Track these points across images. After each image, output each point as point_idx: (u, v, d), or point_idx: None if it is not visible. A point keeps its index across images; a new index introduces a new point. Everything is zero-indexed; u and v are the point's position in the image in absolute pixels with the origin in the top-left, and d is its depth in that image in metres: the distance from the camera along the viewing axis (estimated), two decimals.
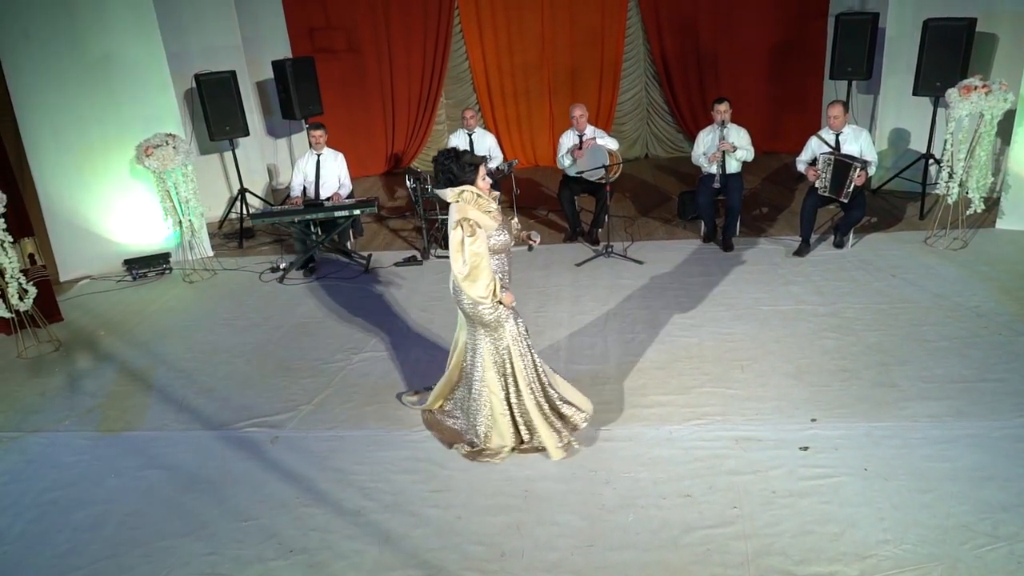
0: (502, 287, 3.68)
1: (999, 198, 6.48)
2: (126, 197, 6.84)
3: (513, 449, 3.83)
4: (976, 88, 5.60)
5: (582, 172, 6.44)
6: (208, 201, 7.61)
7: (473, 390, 3.85)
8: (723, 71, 9.33)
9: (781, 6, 8.92)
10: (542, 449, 3.79)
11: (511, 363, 3.75)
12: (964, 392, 4.09)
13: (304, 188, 6.91)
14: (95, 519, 3.59)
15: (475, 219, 3.52)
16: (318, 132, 6.68)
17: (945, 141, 5.98)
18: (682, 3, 9.12)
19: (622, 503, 3.43)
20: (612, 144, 6.62)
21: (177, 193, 6.49)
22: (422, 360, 4.89)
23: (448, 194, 3.60)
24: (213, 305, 6.07)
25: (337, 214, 6.46)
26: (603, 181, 6.34)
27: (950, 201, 6.00)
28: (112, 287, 6.56)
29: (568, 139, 6.71)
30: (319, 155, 6.79)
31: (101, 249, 6.83)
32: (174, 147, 6.31)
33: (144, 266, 6.77)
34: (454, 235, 3.52)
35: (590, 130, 6.67)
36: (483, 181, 3.63)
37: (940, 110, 6.75)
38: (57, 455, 4.15)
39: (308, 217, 6.48)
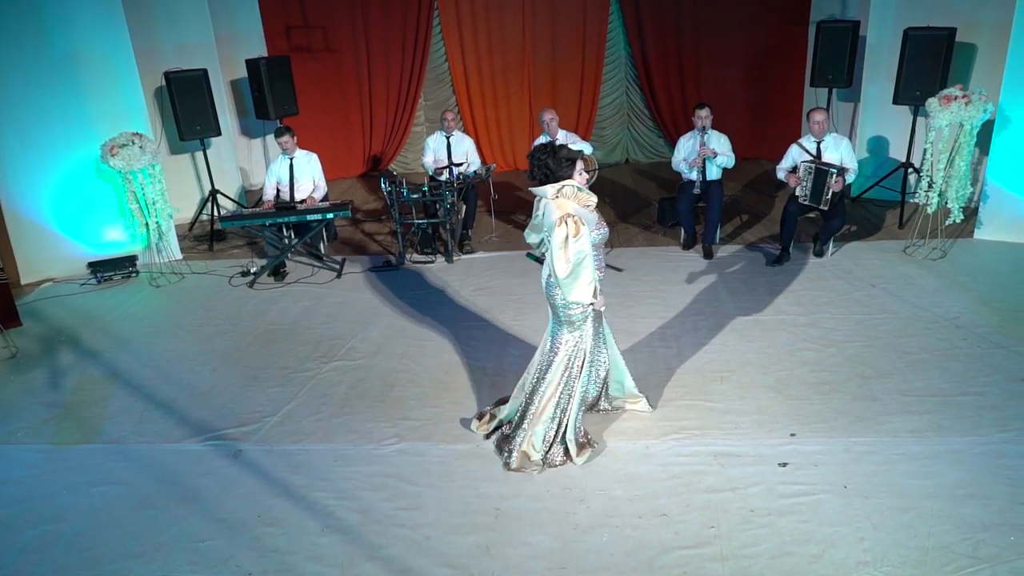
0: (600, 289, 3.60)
1: (977, 208, 6.47)
2: (91, 198, 6.62)
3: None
4: (956, 98, 5.58)
5: None
6: (179, 202, 7.42)
7: (541, 388, 3.71)
8: (704, 76, 9.29)
9: (762, 12, 8.89)
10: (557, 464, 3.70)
11: (580, 366, 3.67)
12: (944, 406, 4.03)
13: (278, 191, 6.74)
14: (44, 539, 3.41)
15: (577, 215, 3.41)
16: (283, 139, 6.50)
17: (925, 150, 5.96)
18: (664, 7, 9.05)
19: (596, 522, 3.32)
20: (586, 149, 6.53)
21: (144, 194, 6.28)
22: (396, 370, 4.74)
23: (548, 191, 3.50)
24: (180, 310, 5.88)
25: (309, 218, 6.30)
26: None
27: (929, 211, 5.98)
28: (75, 291, 6.34)
29: None
30: (292, 158, 6.62)
31: (64, 251, 6.61)
32: (140, 147, 6.11)
33: (109, 269, 6.56)
34: (558, 232, 3.37)
35: (562, 135, 6.57)
36: (580, 176, 3.54)
37: (920, 119, 6.73)
38: (7, 469, 3.95)
39: (280, 221, 6.31)
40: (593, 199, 3.58)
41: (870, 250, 6.29)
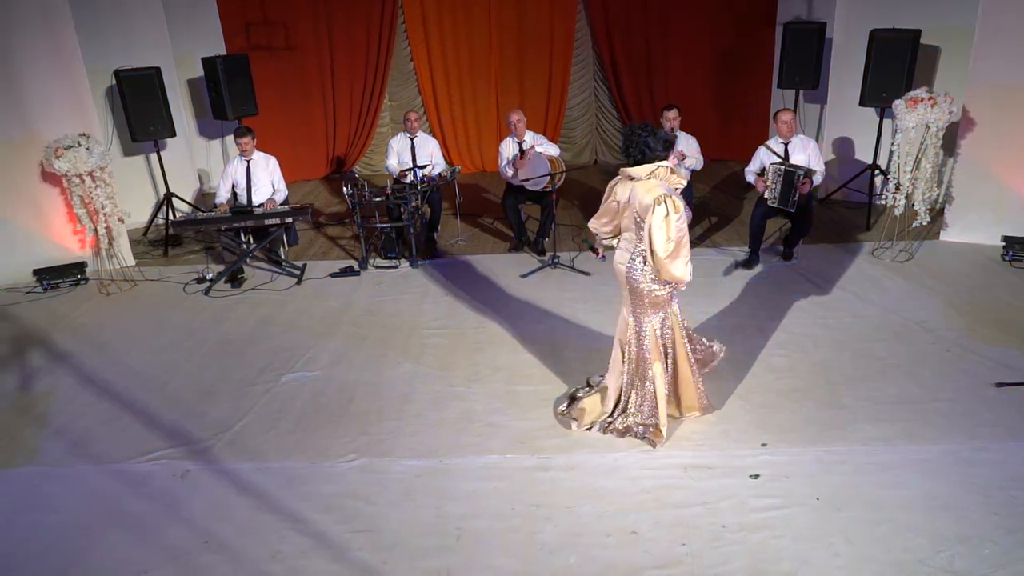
0: None
1: (943, 210, 6.48)
2: (36, 201, 6.30)
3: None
4: (923, 100, 5.56)
5: (525, 181, 6.19)
6: (132, 206, 7.14)
7: (648, 377, 3.74)
8: (672, 77, 9.23)
9: (730, 13, 8.86)
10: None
11: (672, 342, 3.73)
12: (915, 413, 3.97)
13: (235, 194, 6.50)
14: None
15: (672, 195, 3.42)
16: (244, 139, 6.27)
17: (891, 152, 5.94)
18: (631, 8, 8.97)
19: (564, 542, 3.18)
20: (553, 151, 6.40)
21: (93, 198, 6.00)
22: (356, 382, 4.55)
23: (641, 171, 3.49)
24: (130, 320, 5.61)
25: (268, 222, 6.07)
26: (547, 189, 6.10)
27: (896, 213, 5.97)
28: (19, 299, 6.03)
29: (508, 148, 6.46)
30: (249, 160, 6.38)
31: (8, 258, 6.27)
32: (87, 148, 5.83)
33: (56, 276, 6.25)
34: (657, 211, 3.36)
35: (529, 136, 6.44)
36: (672, 158, 3.41)
37: (886, 121, 6.73)
38: None
39: (236, 225, 6.08)
40: (683, 182, 3.59)
41: (838, 253, 6.26)
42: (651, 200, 3.38)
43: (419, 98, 9.47)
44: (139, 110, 6.97)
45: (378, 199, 6.20)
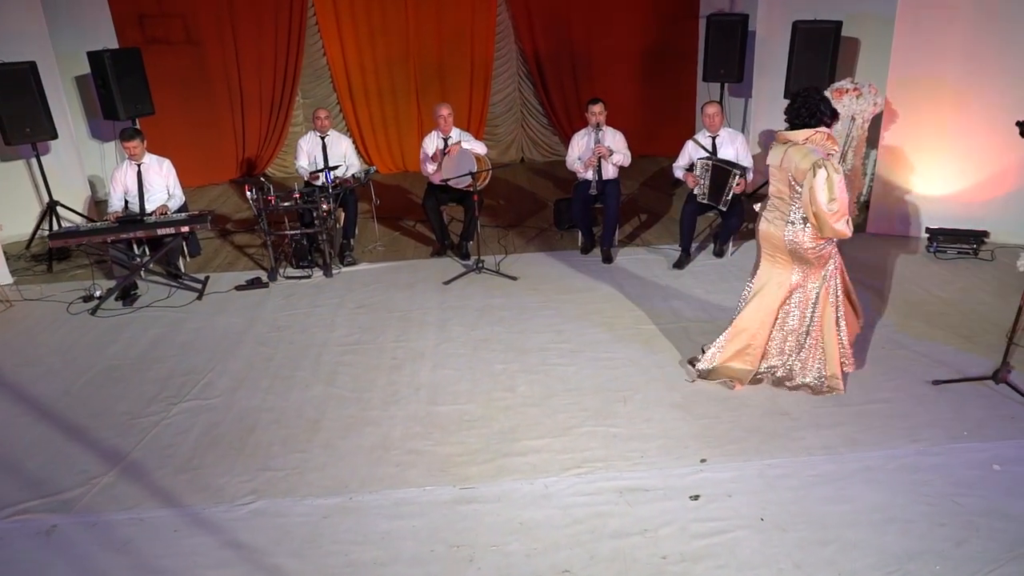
0: None
1: (868, 202, 6.45)
2: None
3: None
4: (848, 91, 5.48)
5: (447, 180, 5.82)
6: (9, 217, 6.42)
7: (810, 338, 3.94)
8: (597, 71, 9.02)
9: (653, 5, 8.71)
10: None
11: (836, 292, 3.90)
12: (855, 417, 3.80)
13: (126, 202, 5.89)
14: None
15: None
16: (132, 143, 5.68)
17: None
18: (554, 0, 8.70)
19: None
20: (480, 149, 6.05)
21: None
22: (258, 409, 4.09)
23: (799, 136, 3.67)
24: (0, 347, 4.96)
25: (161, 231, 5.50)
26: (471, 189, 5.75)
27: None
28: None
29: (431, 143, 6.08)
30: (139, 165, 5.79)
31: None
32: None
33: None
34: (819, 175, 3.51)
35: (456, 133, 6.08)
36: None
37: None
38: None
39: (124, 236, 5.48)
40: (837, 148, 3.72)
41: None
42: (808, 165, 3.55)
43: (334, 95, 8.97)
44: (12, 110, 6.26)
45: (286, 204, 5.71)
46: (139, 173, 5.81)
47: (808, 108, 3.65)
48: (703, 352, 4.23)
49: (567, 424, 3.83)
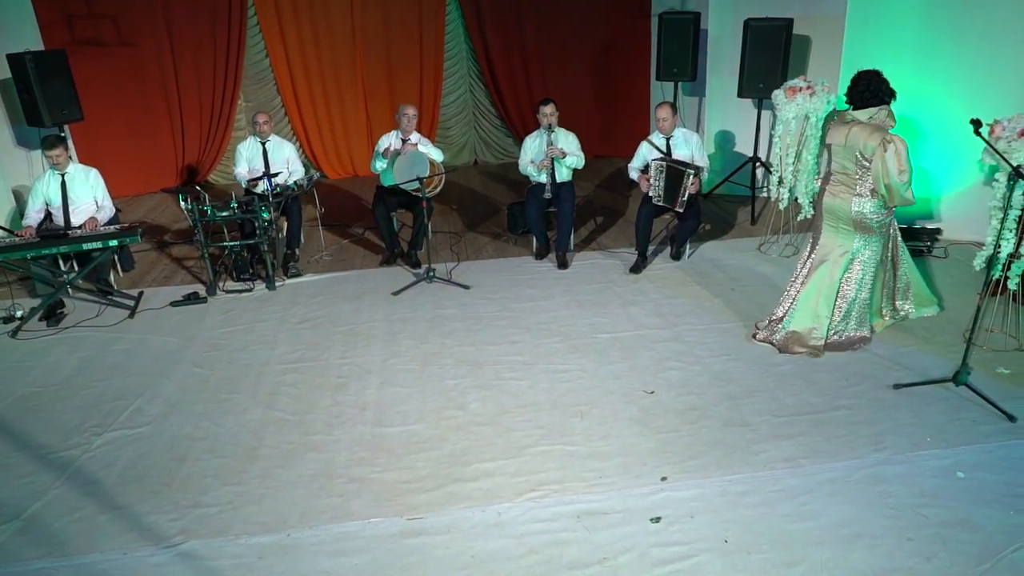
0: None
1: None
2: None
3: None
4: (801, 89, 5.40)
5: (398, 184, 5.57)
6: None
7: (860, 298, 4.32)
8: (550, 71, 8.86)
9: (605, 3, 8.58)
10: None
11: (892, 249, 4.44)
12: (816, 425, 3.69)
13: (49, 215, 5.51)
14: None
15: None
16: (55, 151, 5.33)
17: (772, 143, 5.77)
18: None
19: None
20: (437, 155, 5.83)
21: None
22: (190, 437, 3.80)
23: (863, 115, 3.99)
24: None
25: (87, 246, 5.14)
26: (419, 195, 5.52)
27: (781, 207, 5.80)
28: None
29: (388, 140, 5.84)
30: (64, 174, 5.42)
31: None
32: None
33: None
34: (889, 149, 3.82)
35: (415, 136, 5.85)
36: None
37: (765, 112, 6.59)
38: None
39: (46, 252, 5.11)
40: (894, 124, 3.99)
41: (726, 249, 6.05)
42: (877, 142, 3.86)
43: (278, 98, 8.62)
44: None
45: (223, 214, 5.40)
46: (63, 183, 5.43)
47: (871, 89, 3.95)
48: (767, 324, 4.52)
49: (521, 443, 3.64)
